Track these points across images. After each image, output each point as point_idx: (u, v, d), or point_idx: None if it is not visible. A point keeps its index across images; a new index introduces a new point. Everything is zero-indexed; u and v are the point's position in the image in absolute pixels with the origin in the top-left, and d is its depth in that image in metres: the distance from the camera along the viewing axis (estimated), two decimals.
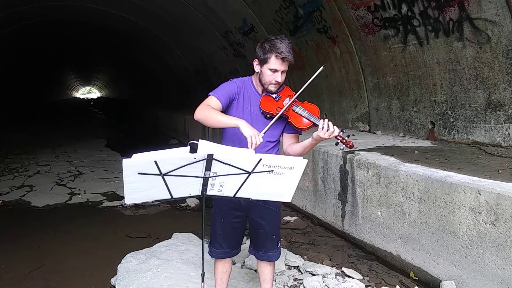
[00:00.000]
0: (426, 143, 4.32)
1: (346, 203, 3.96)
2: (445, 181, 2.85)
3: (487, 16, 3.55)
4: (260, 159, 1.80)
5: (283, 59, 2.22)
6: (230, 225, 2.45)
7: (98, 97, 51.64)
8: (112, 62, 23.02)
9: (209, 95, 2.31)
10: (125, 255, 3.49)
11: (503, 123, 3.69)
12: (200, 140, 1.90)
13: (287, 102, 2.27)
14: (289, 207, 5.05)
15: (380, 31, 4.82)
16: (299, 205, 4.87)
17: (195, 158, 1.73)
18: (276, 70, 2.25)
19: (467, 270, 2.69)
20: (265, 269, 2.55)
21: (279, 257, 2.56)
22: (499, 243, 2.47)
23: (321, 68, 2.32)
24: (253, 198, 2.01)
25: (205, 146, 1.83)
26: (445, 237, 2.85)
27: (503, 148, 3.68)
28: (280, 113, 2.23)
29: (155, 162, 1.68)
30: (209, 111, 2.19)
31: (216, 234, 2.49)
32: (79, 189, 6.26)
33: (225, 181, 1.88)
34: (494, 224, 2.49)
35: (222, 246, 2.48)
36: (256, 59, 2.32)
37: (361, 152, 3.90)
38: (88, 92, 65.17)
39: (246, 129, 2.06)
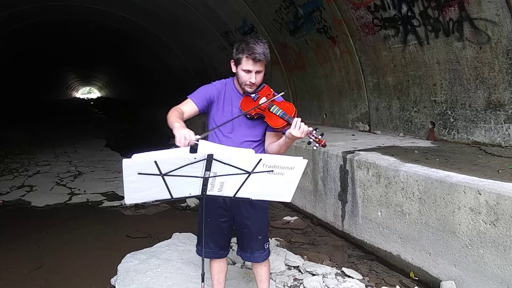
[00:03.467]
0: (426, 143, 4.32)
1: (346, 203, 3.96)
2: (445, 181, 2.85)
3: (487, 16, 3.55)
4: (260, 159, 1.80)
5: (254, 59, 2.21)
6: (217, 225, 2.45)
7: (98, 97, 51.63)
8: (112, 62, 23.02)
9: (187, 97, 2.36)
10: (125, 255, 3.49)
11: (503, 123, 3.69)
12: (200, 140, 1.90)
13: (264, 101, 2.25)
14: (289, 207, 5.05)
15: (380, 31, 4.82)
16: (299, 205, 4.87)
17: (195, 158, 1.73)
18: (249, 71, 2.24)
19: (467, 270, 2.69)
20: (259, 269, 2.54)
21: (266, 259, 2.52)
22: (499, 243, 2.47)
23: (282, 93, 2.33)
24: (253, 198, 2.01)
25: (205, 146, 1.83)
26: (445, 237, 2.85)
27: (503, 148, 3.68)
28: (245, 112, 2.24)
29: (155, 162, 1.68)
30: (171, 113, 2.26)
31: (203, 233, 2.47)
32: (79, 189, 6.26)
33: (225, 181, 1.88)
34: (494, 224, 2.49)
35: (209, 246, 2.46)
36: (232, 60, 2.33)
37: (361, 152, 3.90)
38: (88, 92, 65.16)
39: (176, 131, 2.02)
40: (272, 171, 1.86)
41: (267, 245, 2.52)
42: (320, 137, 2.12)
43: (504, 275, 2.44)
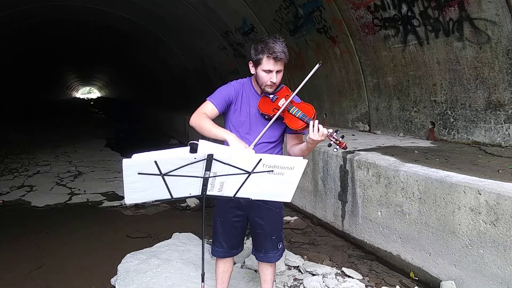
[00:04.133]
0: (426, 143, 4.32)
1: (346, 203, 3.96)
2: (445, 181, 2.85)
3: (487, 16, 3.55)
4: (260, 159, 1.80)
5: (275, 59, 2.19)
6: (230, 224, 2.45)
7: (98, 97, 51.64)
8: (112, 62, 23.02)
9: (206, 99, 2.32)
10: (125, 255, 3.49)
11: (503, 123, 3.69)
12: (200, 140, 1.90)
13: (283, 102, 2.24)
14: (289, 207, 5.05)
15: (380, 31, 4.82)
16: (299, 205, 4.87)
17: (195, 158, 1.73)
18: (270, 71, 2.22)
19: (467, 270, 2.69)
20: (266, 269, 2.55)
21: (279, 259, 2.55)
22: (499, 243, 2.47)
23: (318, 65, 2.28)
24: (253, 198, 2.01)
25: (205, 146, 1.83)
26: (445, 237, 2.85)
27: (503, 148, 3.68)
28: (276, 116, 2.21)
29: (155, 162, 1.68)
30: (203, 121, 2.22)
31: (217, 233, 2.49)
32: (79, 189, 6.26)
33: (225, 181, 1.88)
34: (494, 224, 2.50)
35: (222, 245, 2.48)
36: (251, 61, 2.31)
37: (361, 152, 3.90)
38: (88, 92, 65.16)
39: (235, 144, 2.08)
40: (272, 171, 1.86)
41: (281, 245, 2.52)
42: (340, 139, 2.10)
43: (504, 275, 2.45)
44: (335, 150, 2.13)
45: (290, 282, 3.15)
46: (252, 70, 2.32)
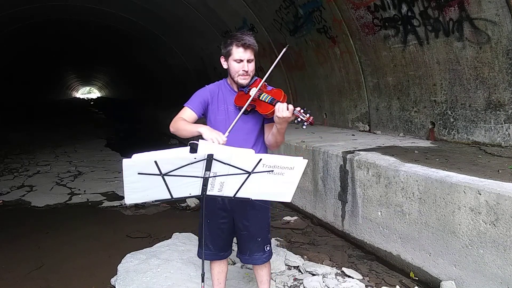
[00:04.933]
0: (426, 143, 4.32)
1: (346, 203, 3.96)
2: (445, 181, 2.85)
3: (487, 16, 3.55)
4: (260, 159, 1.81)
5: (244, 45, 2.22)
6: (217, 226, 2.43)
7: (98, 97, 51.64)
8: (112, 62, 23.04)
9: (183, 106, 2.37)
10: (125, 255, 3.49)
11: (503, 123, 3.69)
12: (200, 140, 1.90)
13: (253, 91, 2.24)
14: (289, 207, 5.05)
15: (380, 31, 4.82)
16: (299, 205, 4.87)
17: (195, 158, 1.73)
18: (241, 60, 2.25)
19: (467, 270, 2.69)
20: (260, 271, 2.53)
21: (266, 261, 2.50)
22: (499, 243, 2.47)
23: (285, 49, 2.34)
24: (253, 198, 2.01)
25: (205, 146, 1.83)
26: (445, 237, 2.85)
27: (503, 148, 3.68)
28: (248, 102, 2.21)
29: (155, 162, 1.69)
30: (179, 123, 2.29)
31: (203, 234, 2.46)
32: (79, 189, 6.26)
33: (225, 181, 1.88)
34: (494, 224, 2.49)
35: (208, 248, 2.44)
36: (222, 56, 2.33)
37: (361, 152, 3.90)
38: (88, 92, 65.17)
39: (207, 133, 2.09)
40: (272, 171, 1.86)
41: (268, 247, 2.48)
42: (307, 115, 2.07)
43: (504, 275, 2.44)
44: (304, 127, 2.09)
45: (290, 282, 3.14)
46: (225, 65, 2.34)
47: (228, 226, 2.45)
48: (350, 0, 4.97)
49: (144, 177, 1.72)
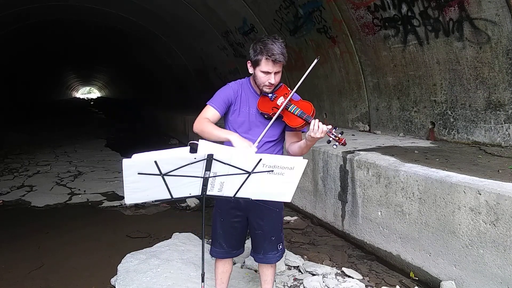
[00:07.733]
0: (426, 143, 4.32)
1: (346, 203, 3.96)
2: (445, 181, 2.85)
3: (487, 16, 3.56)
4: (260, 159, 1.81)
5: (274, 61, 2.18)
6: (230, 225, 2.44)
7: (98, 97, 51.63)
8: (112, 62, 23.04)
9: (207, 104, 2.33)
10: (125, 255, 3.49)
11: (503, 123, 3.69)
12: (200, 140, 1.90)
13: (282, 101, 2.24)
14: (289, 207, 5.05)
15: (380, 31, 4.82)
16: (299, 205, 4.87)
17: (195, 158, 1.73)
18: (268, 73, 2.22)
19: (467, 270, 2.69)
20: (266, 270, 2.54)
21: (279, 260, 2.53)
22: (499, 243, 2.47)
23: (316, 60, 2.29)
24: (253, 198, 2.01)
25: (205, 146, 1.83)
26: (445, 237, 2.86)
27: (503, 148, 3.68)
28: (277, 114, 2.21)
29: (155, 162, 1.69)
30: (205, 126, 2.24)
31: (216, 233, 2.48)
32: (79, 189, 6.26)
33: (225, 181, 1.88)
34: (494, 224, 2.50)
35: (222, 246, 2.47)
36: (249, 61, 2.30)
37: (361, 152, 3.90)
38: (88, 92, 65.17)
39: (238, 143, 2.09)
40: (272, 171, 1.86)
41: (281, 246, 2.50)
42: (340, 135, 2.10)
43: (504, 275, 2.45)
44: (334, 146, 2.12)
45: (290, 282, 3.15)
46: (250, 70, 2.32)
47: (241, 225, 2.46)
48: (350, 0, 4.97)
49: (144, 177, 1.72)
